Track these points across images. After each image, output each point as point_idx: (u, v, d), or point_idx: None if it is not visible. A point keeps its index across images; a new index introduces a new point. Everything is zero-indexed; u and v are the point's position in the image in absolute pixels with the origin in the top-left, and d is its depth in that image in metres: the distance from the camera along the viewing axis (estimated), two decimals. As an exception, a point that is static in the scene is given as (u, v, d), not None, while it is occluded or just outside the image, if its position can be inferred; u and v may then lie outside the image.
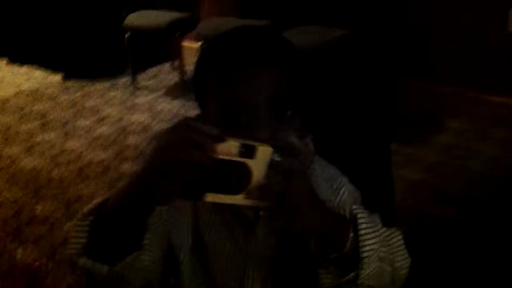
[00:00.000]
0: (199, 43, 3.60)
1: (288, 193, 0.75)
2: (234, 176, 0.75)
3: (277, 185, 0.75)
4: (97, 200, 0.88)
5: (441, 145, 3.15)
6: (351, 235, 0.82)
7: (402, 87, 3.63)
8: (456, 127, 3.34)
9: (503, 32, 3.31)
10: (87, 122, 3.53)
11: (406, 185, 2.74)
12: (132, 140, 3.26)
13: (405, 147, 3.10)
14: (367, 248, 0.82)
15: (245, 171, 0.75)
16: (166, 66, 4.22)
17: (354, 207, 0.86)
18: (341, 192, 0.98)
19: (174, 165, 0.71)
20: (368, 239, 0.82)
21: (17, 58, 4.62)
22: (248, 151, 0.74)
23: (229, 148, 0.73)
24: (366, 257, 0.82)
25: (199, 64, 0.93)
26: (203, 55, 0.93)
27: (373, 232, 0.84)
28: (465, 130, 3.30)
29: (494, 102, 3.44)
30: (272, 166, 0.75)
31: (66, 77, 4.22)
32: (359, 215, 0.84)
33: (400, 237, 0.90)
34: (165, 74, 4.20)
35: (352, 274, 0.82)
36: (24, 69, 4.49)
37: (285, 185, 0.75)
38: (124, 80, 4.09)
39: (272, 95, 0.84)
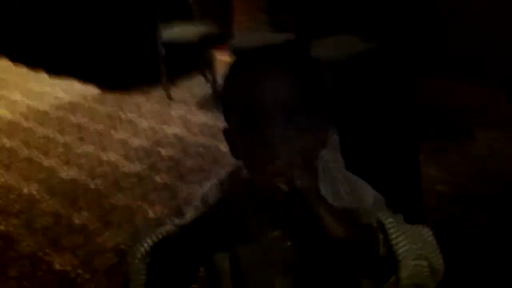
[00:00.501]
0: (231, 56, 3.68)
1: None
2: None
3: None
4: (148, 242, 0.94)
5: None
6: (381, 236, 0.86)
7: (430, 87, 3.62)
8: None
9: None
10: (123, 134, 3.62)
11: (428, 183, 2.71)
12: (166, 152, 3.33)
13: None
14: (401, 250, 0.85)
15: None
16: (199, 78, 4.30)
17: (379, 213, 0.90)
18: (365, 199, 1.01)
19: None
20: (400, 240, 0.85)
21: (56, 70, 4.79)
22: None
23: None
24: (402, 258, 0.85)
25: (224, 78, 0.99)
26: (229, 70, 0.98)
27: (403, 232, 0.86)
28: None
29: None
30: None
31: (103, 90, 4.35)
32: (385, 219, 0.87)
33: (429, 232, 0.94)
34: (198, 86, 4.27)
35: (393, 278, 0.85)
36: (63, 82, 4.64)
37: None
38: (159, 92, 4.19)
39: (287, 102, 0.89)
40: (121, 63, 4.26)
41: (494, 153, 3.02)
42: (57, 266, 2.38)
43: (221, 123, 0.98)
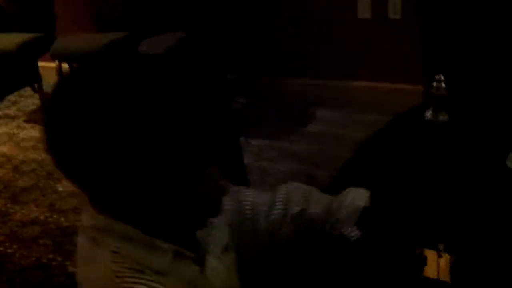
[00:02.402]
0: (57, 63, 3.47)
1: None
2: None
3: None
4: None
5: (312, 135, 3.24)
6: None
7: (269, 84, 3.72)
8: (325, 116, 3.45)
9: (354, 18, 3.46)
10: None
11: (282, 177, 2.79)
12: (-5, 173, 3.05)
13: (278, 142, 3.16)
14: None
15: None
16: (27, 90, 3.99)
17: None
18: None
19: None
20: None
21: None
22: None
23: None
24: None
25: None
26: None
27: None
28: (333, 118, 3.43)
29: (358, 88, 3.58)
30: None
31: None
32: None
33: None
34: (25, 99, 3.97)
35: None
36: None
37: None
38: (-18, 111, 3.83)
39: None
40: None
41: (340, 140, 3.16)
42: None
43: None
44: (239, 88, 3.60)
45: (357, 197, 1.01)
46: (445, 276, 0.87)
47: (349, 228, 0.98)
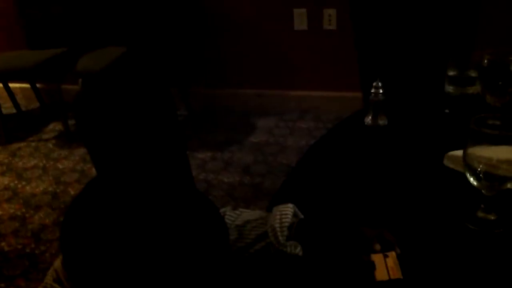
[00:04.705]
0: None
1: None
2: None
3: None
4: None
5: (255, 145, 3.27)
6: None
7: (205, 95, 3.74)
8: (265, 126, 3.50)
9: (290, 30, 3.53)
10: None
11: (226, 188, 2.80)
12: None
13: (221, 153, 3.18)
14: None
15: None
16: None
17: None
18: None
19: None
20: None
21: None
22: None
23: None
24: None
25: None
26: None
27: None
28: (274, 127, 3.48)
29: (297, 97, 3.65)
30: None
31: None
32: None
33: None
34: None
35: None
36: None
37: None
38: None
39: None
40: None
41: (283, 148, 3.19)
42: None
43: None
44: (179, 101, 3.60)
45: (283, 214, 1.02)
46: (396, 275, 0.90)
47: (291, 245, 0.98)
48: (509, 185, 1.01)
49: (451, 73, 1.44)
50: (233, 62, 3.71)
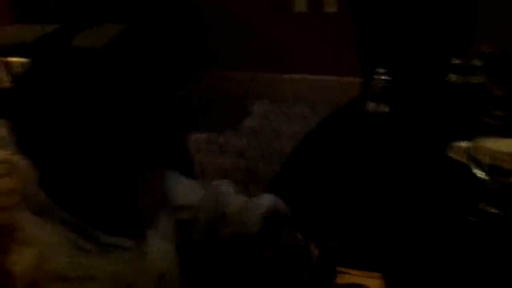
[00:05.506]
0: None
1: None
2: None
3: None
4: None
5: (249, 129, 3.24)
6: None
7: (203, 78, 3.70)
8: (260, 110, 3.47)
9: (289, 12, 3.48)
10: None
11: (220, 173, 2.78)
12: None
13: (216, 136, 3.15)
14: None
15: None
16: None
17: None
18: None
19: None
20: None
21: None
22: None
23: None
24: None
25: None
26: None
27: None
28: (269, 112, 3.45)
29: (293, 80, 3.61)
30: None
31: None
32: None
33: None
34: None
35: None
36: None
37: None
38: None
39: None
40: None
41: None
42: None
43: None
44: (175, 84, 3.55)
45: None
46: None
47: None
48: (514, 178, 0.99)
49: (454, 61, 1.42)
50: (230, 43, 3.66)
